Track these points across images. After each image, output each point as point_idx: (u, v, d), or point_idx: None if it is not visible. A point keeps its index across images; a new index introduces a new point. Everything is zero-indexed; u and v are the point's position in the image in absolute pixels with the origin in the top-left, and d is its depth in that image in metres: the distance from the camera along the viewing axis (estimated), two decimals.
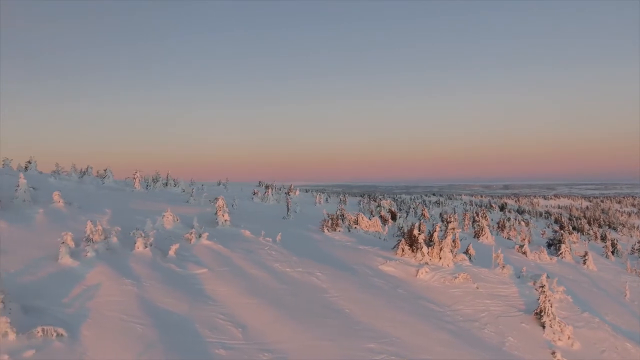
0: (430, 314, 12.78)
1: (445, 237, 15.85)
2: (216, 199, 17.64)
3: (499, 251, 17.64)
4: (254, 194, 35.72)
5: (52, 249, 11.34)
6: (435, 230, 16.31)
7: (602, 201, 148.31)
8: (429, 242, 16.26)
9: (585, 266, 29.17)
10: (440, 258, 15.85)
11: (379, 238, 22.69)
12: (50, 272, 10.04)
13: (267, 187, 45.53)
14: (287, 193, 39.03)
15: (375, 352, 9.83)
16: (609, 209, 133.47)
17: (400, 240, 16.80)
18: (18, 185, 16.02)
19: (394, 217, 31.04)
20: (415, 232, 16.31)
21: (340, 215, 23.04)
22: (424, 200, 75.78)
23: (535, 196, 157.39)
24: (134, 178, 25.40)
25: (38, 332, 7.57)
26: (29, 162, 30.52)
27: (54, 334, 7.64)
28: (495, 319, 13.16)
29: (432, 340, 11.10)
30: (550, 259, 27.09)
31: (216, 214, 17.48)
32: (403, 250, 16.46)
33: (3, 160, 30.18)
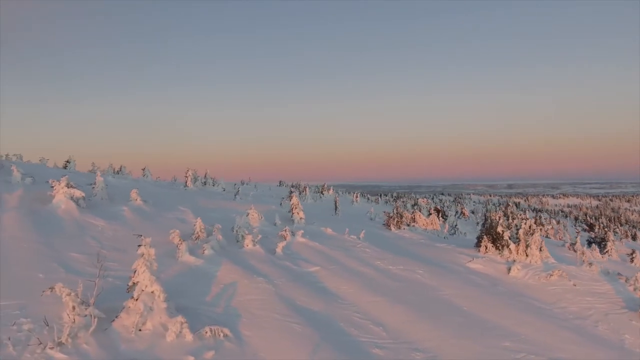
0: (540, 311, 12.42)
1: (533, 235, 15.51)
2: (290, 196, 17.27)
3: (585, 248, 17.29)
4: (291, 193, 35.39)
5: (163, 247, 11.01)
6: (520, 227, 15.96)
7: (611, 200, 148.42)
8: (514, 239, 15.91)
9: (634, 264, 28.81)
10: (527, 255, 15.51)
11: (438, 235, 22.37)
12: (177, 270, 9.70)
13: (293, 186, 45.29)
14: (321, 192, 38.69)
15: (513, 351, 9.49)
16: (618, 208, 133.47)
17: (483, 238, 16.44)
18: (95, 184, 15.70)
19: (442, 216, 30.68)
20: (500, 229, 15.96)
21: (398, 214, 22.70)
22: (440, 200, 75.37)
23: (543, 195, 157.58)
24: (186, 177, 25.06)
25: (206, 332, 7.22)
26: (68, 162, 30.25)
27: (221, 334, 7.29)
28: (604, 316, 12.78)
29: (557, 338, 10.75)
30: (602, 257, 26.74)
31: (290, 211, 17.13)
32: (486, 248, 16.11)
33: (40, 160, 29.91)
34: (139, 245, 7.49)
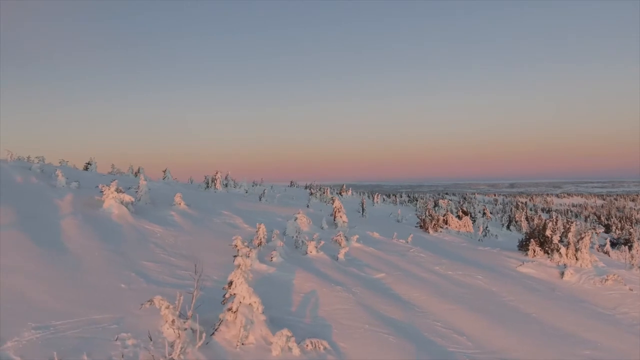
0: (604, 317, 12.20)
1: (583, 238, 15.29)
2: (332, 199, 17.03)
3: (634, 252, 17.08)
4: (311, 194, 35.14)
5: (228, 254, 10.77)
6: (569, 230, 15.74)
7: (615, 199, 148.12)
8: (562, 242, 15.70)
9: None
10: (577, 259, 15.29)
11: (471, 238, 22.14)
12: (252, 279, 9.43)
13: (307, 187, 45.10)
14: (340, 193, 38.46)
15: None
16: (624, 207, 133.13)
17: (529, 241, 16.23)
18: (138, 187, 15.46)
19: (470, 218, 30.44)
20: (549, 232, 15.74)
21: (429, 216, 22.47)
22: (451, 200, 75.01)
23: (547, 194, 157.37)
24: (215, 179, 24.80)
25: (307, 345, 6.98)
26: (89, 164, 30.01)
27: (322, 347, 7.05)
28: None
29: (629, 345, 10.52)
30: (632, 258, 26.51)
31: (332, 215, 16.89)
32: (534, 252, 15.89)
33: (60, 161, 29.68)
34: (235, 256, 7.25)
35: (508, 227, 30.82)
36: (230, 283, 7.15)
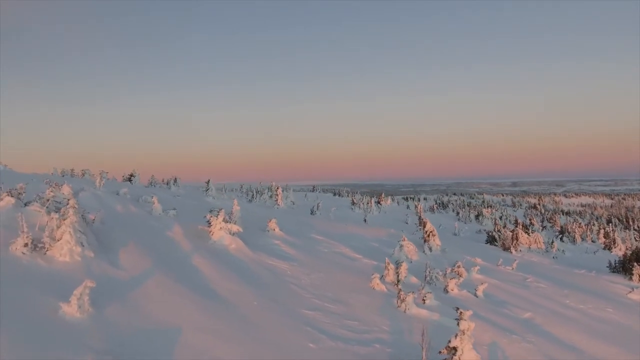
0: None
1: None
2: (424, 222, 16.44)
3: None
4: (353, 204, 34.59)
5: (369, 294, 10.20)
6: None
7: (623, 199, 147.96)
8: None
9: None
10: None
11: (543, 255, 21.61)
12: (416, 327, 8.85)
13: (337, 193, 44.45)
14: (379, 202, 37.88)
15: None
16: (632, 207, 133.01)
17: (632, 264, 15.72)
18: (232, 213, 14.85)
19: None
20: None
21: (498, 232, 21.92)
22: (469, 203, 74.65)
23: (555, 194, 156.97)
24: (277, 194, 24.18)
25: None
26: (132, 176, 29.33)
27: None
28: None
29: None
30: None
31: (424, 238, 16.31)
32: (639, 276, 15.39)
33: (100, 173, 28.96)
34: (457, 319, 6.67)
35: (561, 239, 30.27)
36: (454, 349, 6.58)
